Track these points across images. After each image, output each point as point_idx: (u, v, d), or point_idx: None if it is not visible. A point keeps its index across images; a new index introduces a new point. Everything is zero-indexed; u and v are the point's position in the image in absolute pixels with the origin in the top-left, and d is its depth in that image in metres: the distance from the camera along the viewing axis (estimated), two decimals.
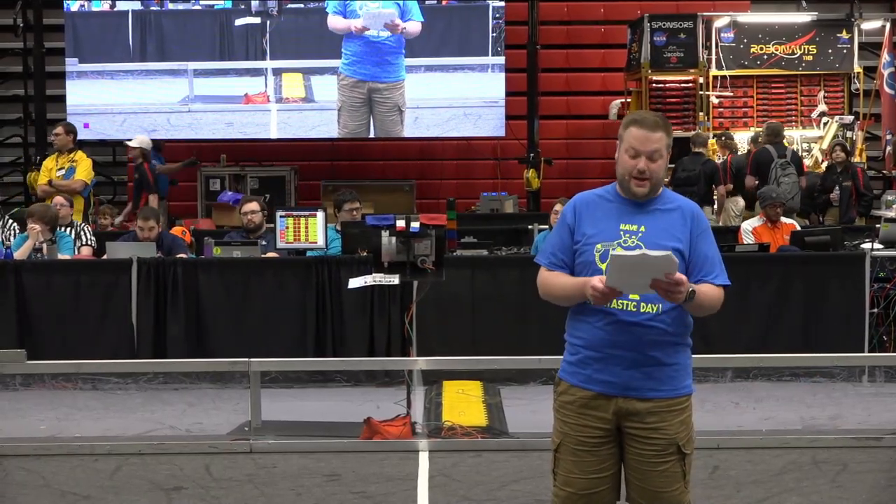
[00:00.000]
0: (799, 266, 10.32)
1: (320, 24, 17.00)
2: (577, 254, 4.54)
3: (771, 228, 11.68)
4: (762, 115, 17.03)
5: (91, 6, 17.20)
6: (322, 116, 17.26)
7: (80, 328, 9.85)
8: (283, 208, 10.68)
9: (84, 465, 7.60)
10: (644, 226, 4.49)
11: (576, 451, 4.52)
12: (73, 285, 9.91)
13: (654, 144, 4.47)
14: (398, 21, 16.60)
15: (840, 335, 10.02)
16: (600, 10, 19.01)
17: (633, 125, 4.52)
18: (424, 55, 17.12)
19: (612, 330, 4.42)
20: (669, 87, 16.96)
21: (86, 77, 17.25)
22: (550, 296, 4.62)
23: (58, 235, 10.90)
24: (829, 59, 17.08)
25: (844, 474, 7.35)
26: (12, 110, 18.77)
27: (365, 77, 16.83)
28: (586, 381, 4.50)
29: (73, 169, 13.36)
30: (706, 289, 4.47)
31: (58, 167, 13.45)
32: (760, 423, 8.58)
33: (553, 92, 18.20)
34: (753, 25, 17.17)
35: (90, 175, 13.56)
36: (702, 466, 7.22)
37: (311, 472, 7.44)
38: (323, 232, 10.29)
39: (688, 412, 4.54)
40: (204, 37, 17.38)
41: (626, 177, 4.50)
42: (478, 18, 17.31)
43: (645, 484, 4.49)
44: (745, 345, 9.82)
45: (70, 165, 13.40)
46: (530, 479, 7.21)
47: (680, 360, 4.52)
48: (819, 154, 16.51)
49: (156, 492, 7.03)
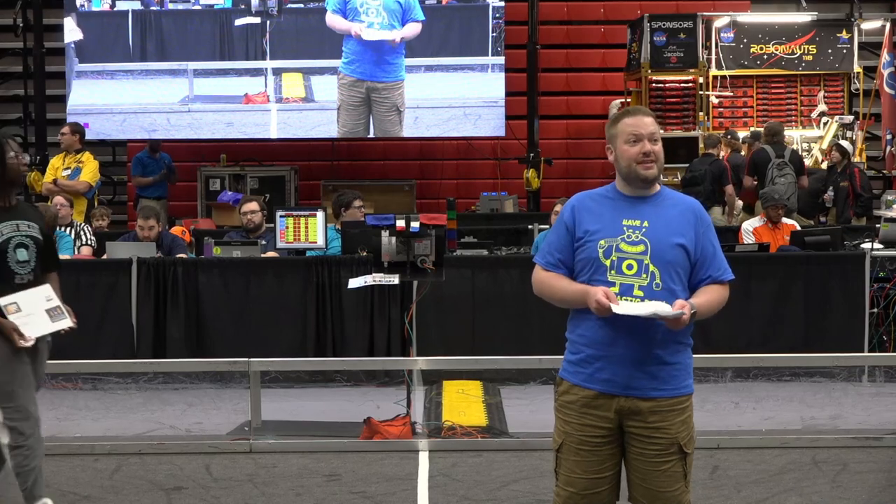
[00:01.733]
0: (799, 266, 10.32)
1: (320, 24, 16.98)
2: (577, 251, 4.54)
3: (771, 229, 11.68)
4: (762, 115, 17.03)
5: (91, 6, 17.19)
6: (322, 116, 17.24)
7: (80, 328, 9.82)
8: (282, 208, 10.68)
9: (84, 464, 7.61)
10: (647, 220, 4.49)
11: (578, 451, 4.52)
12: (73, 285, 9.88)
13: (650, 127, 4.57)
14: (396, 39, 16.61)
15: (840, 335, 10.02)
16: (600, 10, 19.00)
17: (624, 116, 4.62)
18: (425, 55, 17.11)
19: (614, 328, 4.42)
20: (669, 87, 16.95)
21: (86, 77, 17.24)
22: (546, 297, 4.63)
23: (57, 235, 10.88)
24: (829, 59, 17.08)
25: (844, 474, 7.35)
26: (12, 110, 18.77)
27: (364, 76, 16.82)
28: (588, 380, 4.50)
29: (78, 170, 13.37)
30: (709, 295, 4.50)
31: (64, 167, 13.46)
32: (760, 423, 8.58)
33: (553, 92, 18.20)
34: (753, 25, 17.17)
35: (95, 177, 13.57)
36: (702, 466, 7.22)
37: (312, 471, 7.44)
38: (323, 232, 10.30)
39: (689, 412, 4.55)
40: (204, 37, 17.37)
41: (632, 164, 4.52)
42: (478, 18, 17.30)
43: (646, 484, 4.49)
44: (745, 345, 9.83)
45: (76, 166, 13.41)
46: (530, 479, 7.22)
47: (681, 359, 4.52)
48: (819, 154, 16.50)
49: (156, 492, 7.04)
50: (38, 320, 5.99)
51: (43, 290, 6.07)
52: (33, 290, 6.03)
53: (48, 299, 6.07)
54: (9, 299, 5.90)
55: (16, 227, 6.01)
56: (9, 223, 5.98)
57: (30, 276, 6.04)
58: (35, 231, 6.08)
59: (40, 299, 6.04)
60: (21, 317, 5.91)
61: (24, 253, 6.00)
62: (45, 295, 6.06)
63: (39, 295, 6.04)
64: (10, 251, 5.94)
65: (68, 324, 6.12)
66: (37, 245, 6.07)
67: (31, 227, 6.07)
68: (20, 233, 6.00)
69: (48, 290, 6.09)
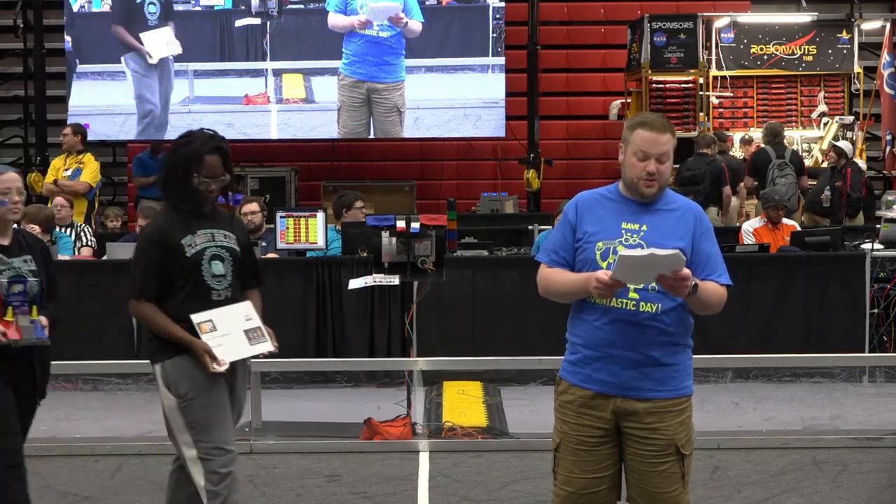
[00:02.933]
0: (799, 266, 10.32)
1: (321, 25, 16.97)
2: (578, 251, 4.55)
3: (772, 229, 11.69)
4: (762, 115, 17.01)
5: (91, 7, 17.17)
6: (323, 117, 17.23)
7: (79, 329, 9.85)
8: (283, 209, 10.69)
9: (85, 465, 7.62)
10: (646, 225, 4.50)
11: (575, 451, 4.53)
12: (73, 286, 9.91)
13: (663, 147, 4.50)
14: (402, 15, 16.55)
15: (840, 335, 10.03)
16: (600, 11, 18.98)
17: (640, 128, 4.53)
18: (425, 56, 17.10)
19: (612, 329, 4.43)
20: (669, 88, 16.93)
21: (86, 78, 17.22)
22: (551, 293, 4.63)
23: (57, 236, 10.89)
24: (830, 60, 17.07)
25: (845, 474, 7.35)
26: (13, 111, 18.76)
27: (364, 77, 16.80)
28: (585, 380, 4.51)
29: (79, 170, 13.39)
30: (710, 286, 4.50)
31: (65, 167, 13.47)
32: (761, 424, 8.59)
33: (553, 92, 18.18)
34: (753, 26, 17.15)
35: (96, 178, 13.59)
36: (702, 467, 7.22)
37: (312, 472, 7.45)
38: (323, 232, 10.29)
39: (687, 413, 4.55)
40: (204, 37, 17.36)
41: (635, 180, 4.51)
42: (478, 19, 17.29)
43: (644, 484, 4.50)
44: (745, 345, 9.83)
45: (77, 167, 13.43)
46: (531, 479, 7.22)
47: (680, 360, 4.52)
48: (819, 154, 16.49)
49: (156, 492, 7.02)
50: (234, 342, 5.27)
51: (242, 308, 5.36)
52: (231, 307, 5.32)
53: (247, 318, 5.35)
54: (204, 316, 5.22)
55: (210, 236, 5.31)
56: (204, 232, 5.32)
57: (227, 293, 5.32)
58: (231, 242, 5.38)
59: (239, 318, 5.33)
60: (215, 337, 5.22)
61: (220, 266, 5.30)
62: (245, 313, 5.36)
63: (238, 313, 5.34)
64: (205, 263, 5.26)
65: (269, 347, 5.35)
66: (233, 257, 5.36)
67: (227, 237, 5.37)
68: (214, 243, 5.31)
69: (249, 308, 5.38)
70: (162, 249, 5.23)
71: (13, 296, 5.35)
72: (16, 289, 5.36)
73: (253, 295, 5.48)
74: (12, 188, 5.52)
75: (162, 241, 5.25)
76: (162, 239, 5.26)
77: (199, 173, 5.23)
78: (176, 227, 5.27)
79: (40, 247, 5.73)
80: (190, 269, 5.22)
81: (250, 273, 5.50)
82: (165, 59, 16.92)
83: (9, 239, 5.52)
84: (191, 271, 5.22)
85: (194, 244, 5.24)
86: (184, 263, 5.21)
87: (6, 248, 5.48)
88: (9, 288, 5.35)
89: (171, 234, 5.25)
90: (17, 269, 5.43)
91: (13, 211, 5.52)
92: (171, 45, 16.91)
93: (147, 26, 16.85)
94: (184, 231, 5.25)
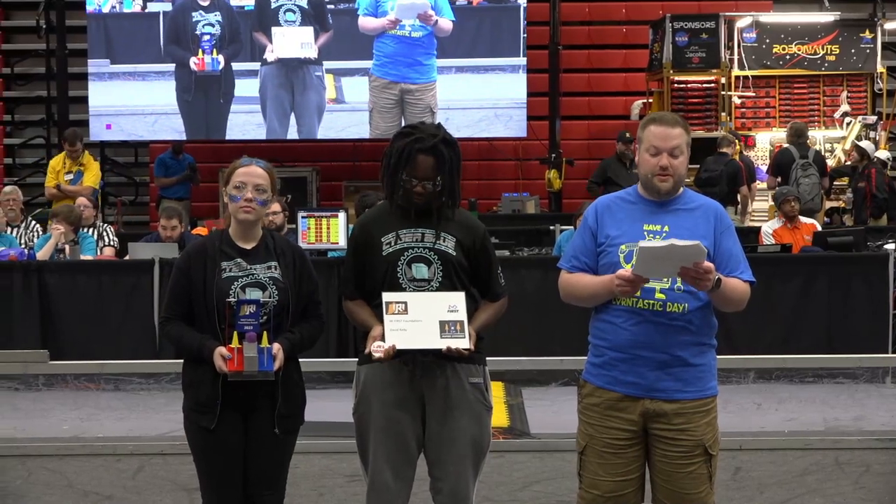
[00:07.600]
0: (822, 267, 10.29)
1: (351, 26, 16.96)
2: (600, 255, 4.55)
3: (790, 229, 11.65)
4: (784, 115, 16.96)
5: (122, 7, 17.20)
6: (352, 118, 17.24)
7: (102, 328, 9.89)
8: (304, 209, 10.71)
9: (107, 465, 7.63)
10: (668, 225, 4.49)
11: (602, 454, 4.52)
12: (96, 286, 9.95)
13: (674, 141, 4.49)
14: (431, 12, 16.54)
15: (863, 336, 9.99)
16: (622, 11, 18.97)
17: (651, 124, 4.55)
18: (455, 56, 17.08)
19: (638, 330, 4.42)
20: (691, 88, 16.90)
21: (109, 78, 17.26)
22: (574, 297, 4.62)
23: (80, 236, 10.94)
24: (852, 59, 17.00)
25: (867, 476, 7.32)
26: (35, 112, 18.84)
27: (396, 78, 16.78)
28: (612, 382, 4.50)
29: (80, 173, 13.45)
30: (733, 281, 4.48)
31: (66, 170, 13.52)
32: (783, 425, 8.56)
33: (575, 92, 18.19)
34: (776, 25, 17.10)
35: (98, 180, 13.69)
36: (724, 468, 7.19)
37: (334, 472, 7.46)
38: (345, 232, 10.30)
39: (713, 413, 4.54)
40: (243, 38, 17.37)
41: (649, 175, 4.52)
42: (508, 19, 17.27)
43: (671, 486, 4.48)
44: (767, 346, 9.80)
45: (78, 169, 13.48)
46: (552, 479, 7.21)
47: (706, 360, 4.51)
48: (842, 155, 16.44)
49: (178, 492, 7.05)
50: (422, 330, 4.65)
51: (449, 297, 4.73)
52: (437, 294, 4.73)
53: (451, 309, 4.70)
54: (397, 296, 4.69)
55: (419, 237, 4.80)
56: (410, 231, 4.81)
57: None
58: (448, 245, 4.83)
59: (440, 307, 4.70)
60: (401, 320, 4.65)
61: (424, 270, 4.78)
62: (451, 304, 4.71)
63: (441, 301, 4.72)
64: (402, 265, 4.77)
65: (463, 344, 4.69)
66: (446, 262, 4.80)
67: (445, 239, 4.83)
68: (423, 244, 4.80)
69: (458, 298, 4.73)
70: (359, 245, 4.89)
71: (243, 318, 4.69)
72: (246, 310, 4.68)
73: (485, 305, 4.96)
74: (248, 184, 4.81)
75: (360, 235, 4.91)
76: (361, 234, 4.92)
77: (408, 171, 4.74)
78: (380, 223, 4.86)
79: (294, 254, 4.98)
80: (385, 268, 4.78)
81: (484, 283, 4.95)
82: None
83: (253, 242, 4.88)
84: (385, 270, 4.78)
85: (393, 243, 4.80)
86: (379, 261, 4.80)
87: (247, 252, 4.86)
88: (238, 308, 4.69)
89: (370, 230, 4.87)
90: (255, 275, 4.81)
91: (245, 209, 4.80)
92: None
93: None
94: (387, 228, 4.83)
